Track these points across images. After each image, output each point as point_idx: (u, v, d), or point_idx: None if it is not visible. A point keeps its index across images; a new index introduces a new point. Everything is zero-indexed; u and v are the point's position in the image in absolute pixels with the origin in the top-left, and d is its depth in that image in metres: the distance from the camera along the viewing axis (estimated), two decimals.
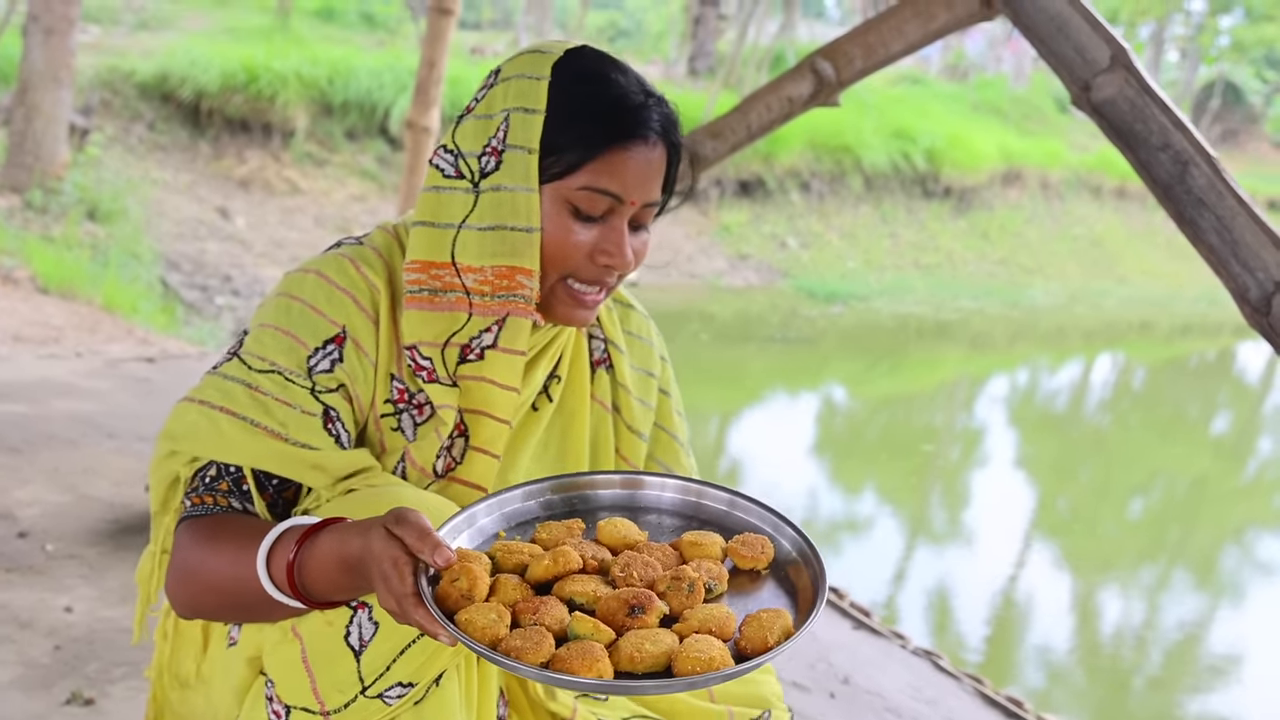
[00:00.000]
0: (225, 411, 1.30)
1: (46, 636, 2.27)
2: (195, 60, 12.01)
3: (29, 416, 3.49)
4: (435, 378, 1.36)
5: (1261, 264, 1.44)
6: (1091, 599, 6.22)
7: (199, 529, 1.28)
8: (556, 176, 1.32)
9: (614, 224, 1.35)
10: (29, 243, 7.46)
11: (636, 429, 1.56)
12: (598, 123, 1.32)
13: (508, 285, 1.33)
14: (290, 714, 1.22)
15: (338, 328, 1.34)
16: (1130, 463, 9.21)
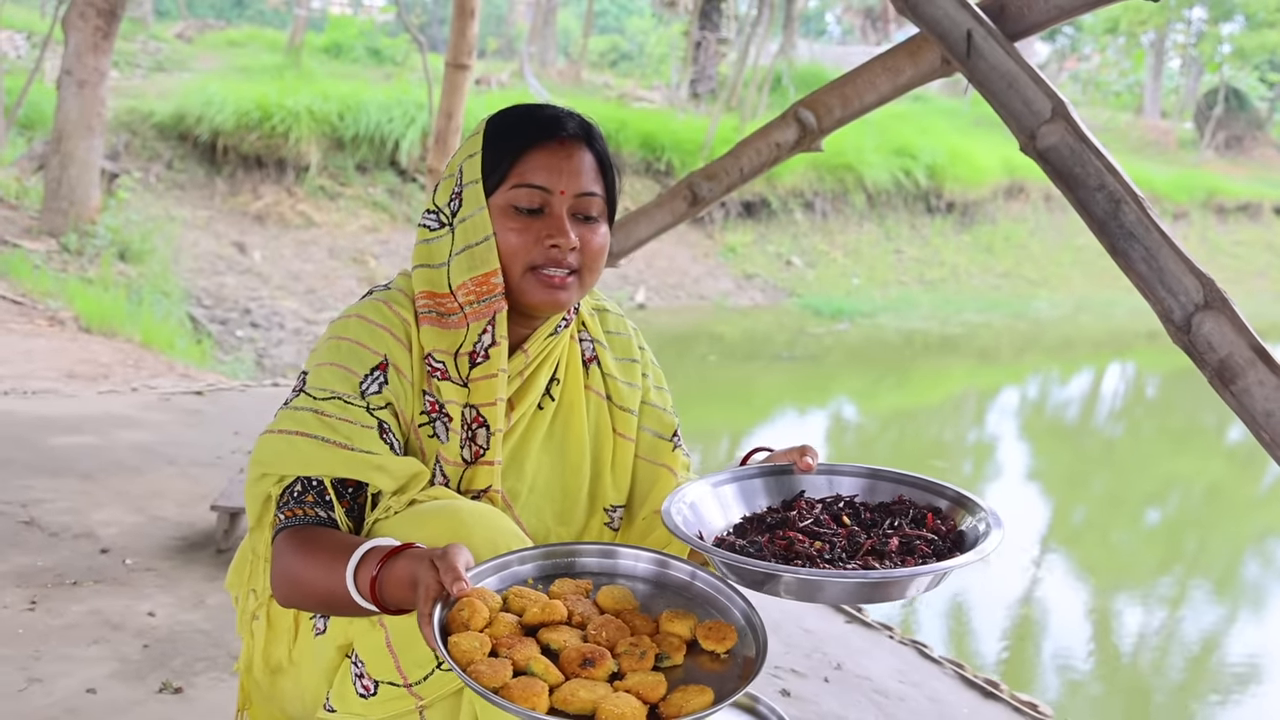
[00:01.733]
0: (300, 434, 1.57)
1: (135, 637, 2.57)
2: (210, 100, 12.27)
3: (98, 447, 3.82)
4: (447, 376, 1.65)
5: (1183, 288, 1.69)
6: (1108, 609, 6.25)
7: (294, 540, 1.54)
8: (495, 188, 1.64)
9: (553, 211, 1.64)
10: (70, 285, 7.76)
11: (626, 407, 1.84)
12: (516, 136, 1.64)
13: (486, 289, 1.63)
14: (379, 688, 1.50)
15: (380, 357, 1.63)
16: (1144, 472, 9.21)
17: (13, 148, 11.13)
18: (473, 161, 1.65)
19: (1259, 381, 1.65)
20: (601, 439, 1.82)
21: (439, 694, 1.48)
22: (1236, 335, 1.66)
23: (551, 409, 1.77)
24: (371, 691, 1.51)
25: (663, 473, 1.86)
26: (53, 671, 2.38)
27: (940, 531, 1.52)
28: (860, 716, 2.70)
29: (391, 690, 1.49)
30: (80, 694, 2.30)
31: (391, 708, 1.50)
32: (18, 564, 2.88)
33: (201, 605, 2.76)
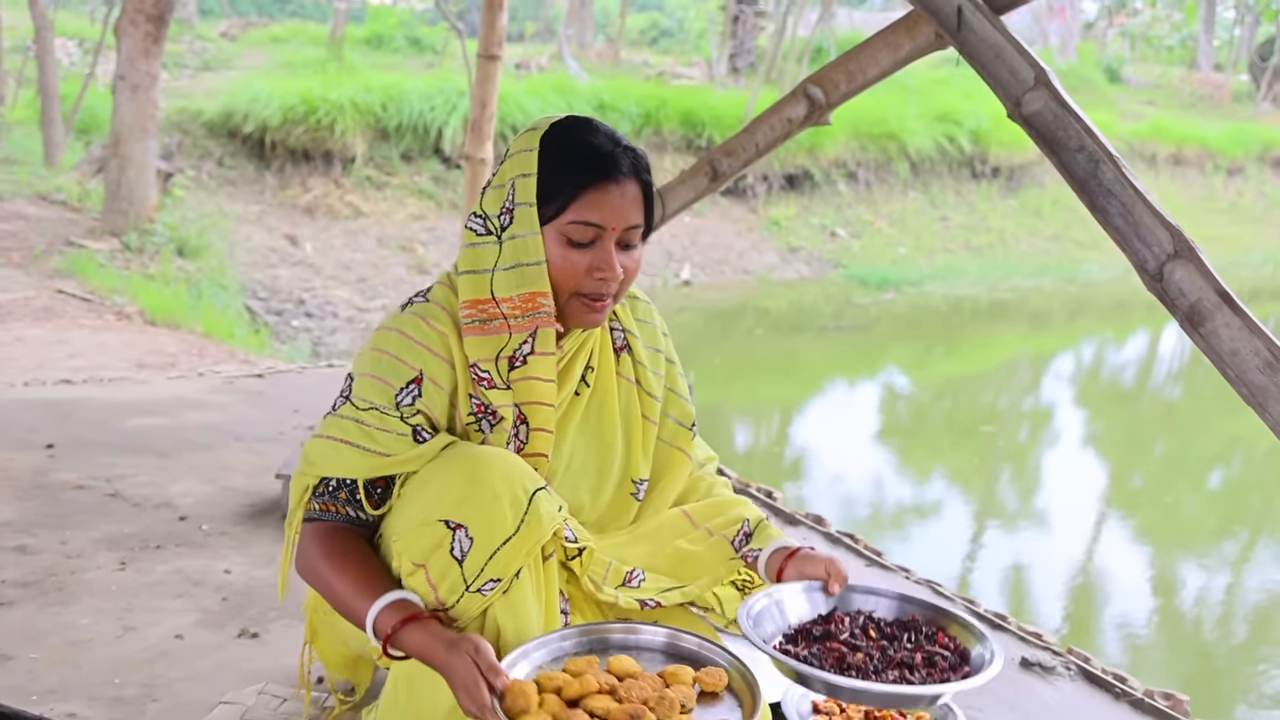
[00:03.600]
0: (345, 442, 1.79)
1: (215, 591, 2.80)
2: (256, 96, 12.51)
3: (170, 427, 4.08)
4: (493, 384, 1.82)
5: (1156, 240, 1.82)
6: (1171, 572, 6.25)
7: (326, 541, 1.78)
8: (551, 218, 1.77)
9: (603, 247, 1.79)
10: (133, 281, 8.06)
11: (653, 393, 2.03)
12: (576, 172, 1.77)
13: (532, 306, 1.78)
14: None
15: (415, 371, 1.80)
16: (1205, 433, 9.16)
17: (71, 153, 11.48)
18: (526, 183, 1.78)
19: (1225, 324, 1.77)
20: (631, 422, 2.00)
21: (470, 615, 1.72)
22: (1204, 282, 1.80)
23: (587, 394, 1.96)
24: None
25: (678, 455, 2.07)
26: (144, 621, 2.60)
27: (950, 648, 1.83)
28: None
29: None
30: (170, 639, 2.52)
31: None
32: (107, 531, 3.11)
33: (272, 563, 2.98)
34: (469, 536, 1.68)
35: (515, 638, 1.72)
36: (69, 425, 4.00)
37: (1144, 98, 24.63)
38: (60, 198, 10.08)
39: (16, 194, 10.01)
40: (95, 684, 2.30)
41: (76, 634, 2.51)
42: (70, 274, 8.05)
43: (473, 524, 1.68)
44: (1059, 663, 2.85)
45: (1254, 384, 1.67)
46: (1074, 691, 2.74)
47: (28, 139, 11.99)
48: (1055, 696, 2.71)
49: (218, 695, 2.27)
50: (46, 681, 2.29)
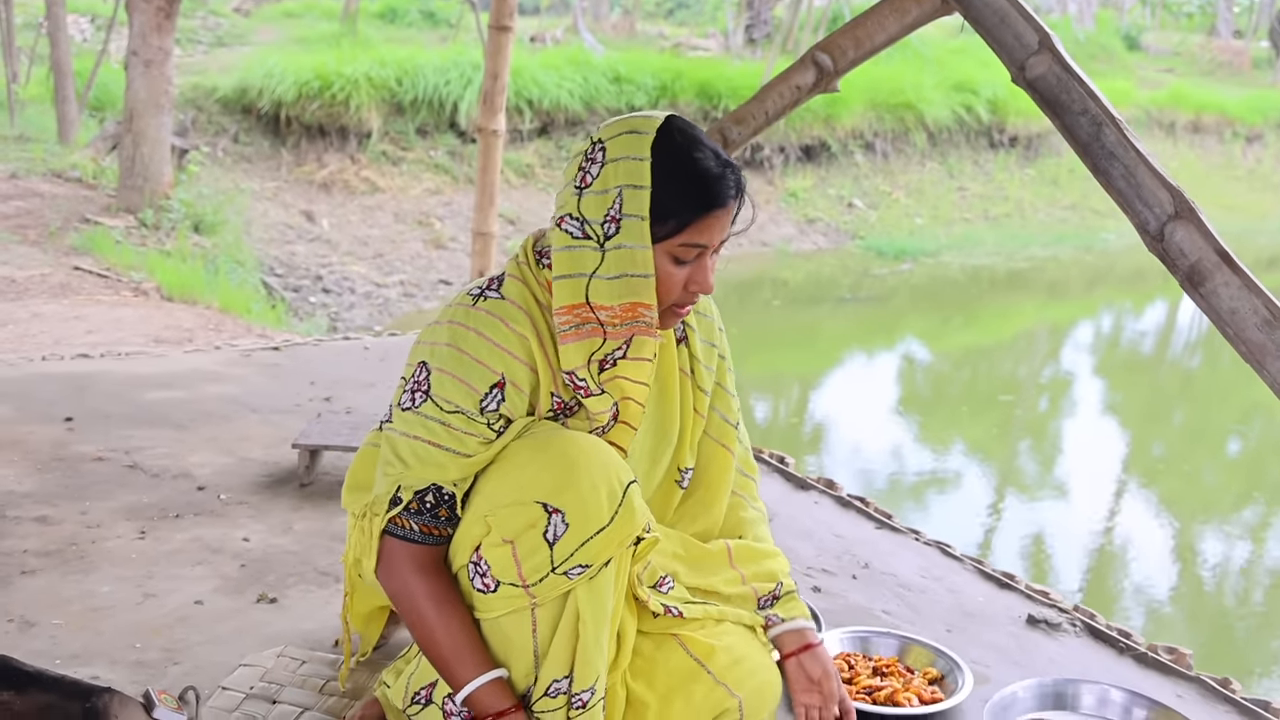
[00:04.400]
0: (435, 445, 1.79)
1: (233, 559, 2.84)
2: (270, 72, 12.51)
3: (188, 399, 4.12)
4: (590, 393, 1.84)
5: (1158, 201, 1.83)
6: (1192, 541, 6.25)
7: (430, 575, 1.81)
8: (663, 238, 1.77)
9: (703, 264, 1.82)
10: (150, 257, 8.10)
11: (704, 388, 2.05)
12: (690, 198, 1.77)
13: (633, 315, 1.79)
14: (499, 586, 1.76)
15: (498, 376, 1.80)
16: (1224, 402, 9.17)
17: (86, 130, 11.52)
18: (638, 195, 1.75)
19: (1224, 283, 1.79)
20: (685, 414, 2.04)
21: (550, 594, 1.76)
22: (1204, 242, 1.82)
23: (652, 383, 1.97)
24: (491, 589, 1.77)
25: (722, 451, 2.10)
26: (164, 588, 2.65)
27: None
28: (885, 607, 2.90)
29: (510, 590, 1.76)
30: (189, 605, 2.57)
31: (508, 604, 1.77)
32: (126, 501, 3.16)
33: (290, 531, 3.02)
34: (565, 522, 1.71)
35: (594, 622, 1.78)
36: (87, 398, 4.04)
37: (1163, 65, 24.43)
38: (75, 175, 10.13)
39: (31, 171, 10.06)
40: (117, 648, 2.35)
41: (98, 601, 2.55)
42: (86, 251, 8.11)
43: (570, 510, 1.72)
44: (1064, 620, 2.88)
45: (1252, 341, 1.69)
46: (1079, 647, 2.77)
47: (41, 116, 12.04)
48: (1061, 652, 2.74)
49: (238, 658, 2.32)
50: (69, 647, 2.34)
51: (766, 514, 2.21)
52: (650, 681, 1.97)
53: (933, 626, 2.80)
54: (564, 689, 1.79)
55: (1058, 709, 2.40)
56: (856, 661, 2.45)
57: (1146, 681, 2.60)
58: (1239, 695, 2.56)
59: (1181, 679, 2.64)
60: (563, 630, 1.78)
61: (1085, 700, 2.44)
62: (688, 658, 1.98)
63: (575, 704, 1.80)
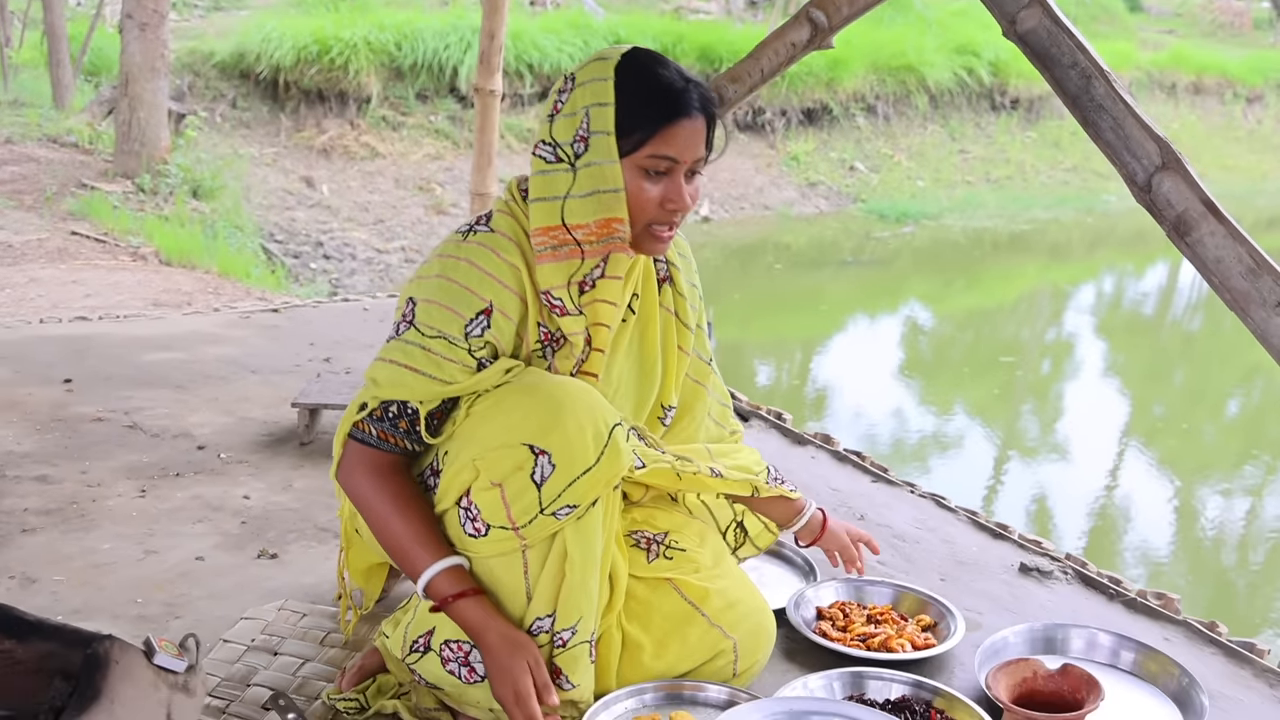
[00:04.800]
0: (410, 369, 1.83)
1: (233, 516, 2.87)
2: (268, 37, 12.39)
3: (187, 360, 4.14)
4: (566, 311, 1.87)
5: (1145, 153, 1.85)
6: (1193, 500, 6.29)
7: (382, 474, 1.86)
8: (630, 151, 1.82)
9: (675, 179, 1.85)
10: (148, 222, 8.09)
11: (689, 324, 2.12)
12: (654, 109, 1.82)
13: (608, 231, 1.83)
14: (490, 530, 1.80)
15: (485, 303, 1.84)
16: (1225, 363, 9.20)
17: (81, 94, 11.46)
18: (603, 112, 1.81)
19: (1210, 232, 1.81)
20: (669, 351, 2.09)
21: (539, 536, 1.80)
22: (1190, 192, 1.84)
23: (632, 321, 2.03)
24: (482, 533, 1.81)
25: (701, 390, 2.19)
26: (165, 545, 2.67)
27: None
28: (880, 557, 2.89)
29: (500, 533, 1.79)
30: (190, 561, 2.60)
31: (498, 546, 1.81)
32: (126, 460, 3.18)
33: (289, 489, 3.04)
34: (551, 464, 1.74)
35: (581, 562, 1.81)
36: (86, 360, 4.06)
37: (1164, 26, 24.26)
38: (71, 140, 10.10)
39: (26, 136, 10.03)
40: (119, 604, 2.37)
41: (99, 558, 2.58)
42: (83, 216, 8.10)
43: (556, 451, 1.74)
44: (1056, 567, 2.91)
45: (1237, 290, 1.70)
46: (1070, 594, 2.80)
47: (36, 81, 11.97)
48: (1052, 599, 2.77)
49: (239, 612, 2.34)
50: (71, 602, 2.37)
51: (742, 432, 2.32)
52: (645, 625, 2.02)
53: (927, 576, 2.83)
54: (546, 627, 1.83)
55: (1048, 653, 2.43)
56: (851, 610, 2.48)
57: (1135, 626, 2.63)
58: (1225, 638, 2.59)
59: (1169, 623, 2.67)
60: (550, 569, 1.81)
61: (1074, 644, 2.47)
62: (682, 601, 2.03)
63: (556, 642, 1.84)
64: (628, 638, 2.01)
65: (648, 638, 2.02)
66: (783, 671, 2.29)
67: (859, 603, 2.53)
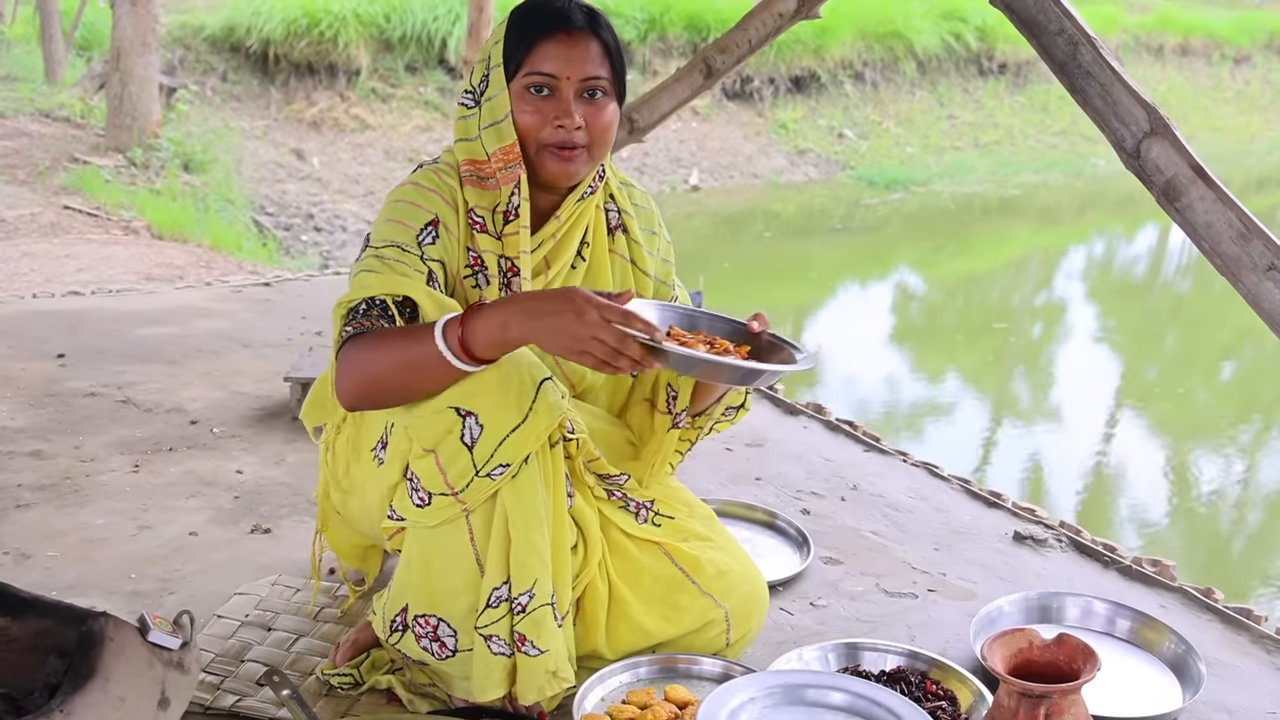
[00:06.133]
0: (365, 272, 1.85)
1: (226, 490, 2.88)
2: (258, 10, 12.28)
3: (180, 335, 4.14)
4: (485, 229, 1.94)
5: (1134, 119, 1.85)
6: (1186, 463, 6.30)
7: (365, 338, 1.78)
8: (512, 75, 1.88)
9: (560, 95, 1.88)
10: (139, 196, 8.06)
11: (647, 272, 2.13)
12: (530, 28, 1.88)
13: (510, 158, 1.89)
14: (432, 499, 1.79)
15: (432, 214, 1.91)
16: (1216, 324, 9.15)
17: (73, 69, 11.38)
18: (498, 47, 1.90)
19: (1199, 197, 1.81)
20: None
21: (478, 499, 1.78)
22: (1179, 157, 1.84)
23: (583, 268, 2.05)
24: (426, 502, 1.80)
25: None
26: (159, 520, 2.68)
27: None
28: (873, 527, 2.95)
29: (442, 500, 1.79)
30: (184, 536, 2.60)
31: (442, 514, 1.81)
32: (119, 435, 3.18)
33: (282, 463, 3.05)
34: (479, 424, 1.73)
35: (523, 521, 1.79)
36: (79, 335, 4.06)
37: None
38: (63, 114, 10.03)
39: (19, 111, 9.96)
40: (112, 579, 2.38)
41: (92, 533, 2.59)
42: (76, 190, 8.06)
43: (482, 412, 1.73)
44: (1050, 535, 2.93)
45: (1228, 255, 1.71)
46: (1065, 562, 2.82)
47: (28, 56, 11.88)
48: (1047, 567, 2.79)
49: (233, 587, 2.35)
50: (65, 577, 2.38)
51: None
52: (634, 583, 2.02)
53: (920, 545, 2.85)
54: (505, 595, 1.81)
55: (1043, 622, 2.45)
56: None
57: (1131, 593, 2.65)
58: (1221, 604, 2.61)
59: (1165, 589, 2.68)
60: (495, 535, 1.80)
61: (1070, 612, 2.49)
62: (672, 566, 2.04)
63: (516, 609, 1.81)
64: (615, 593, 2.01)
65: (635, 595, 2.02)
66: (776, 643, 2.31)
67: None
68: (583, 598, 1.99)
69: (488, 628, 1.82)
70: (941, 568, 2.75)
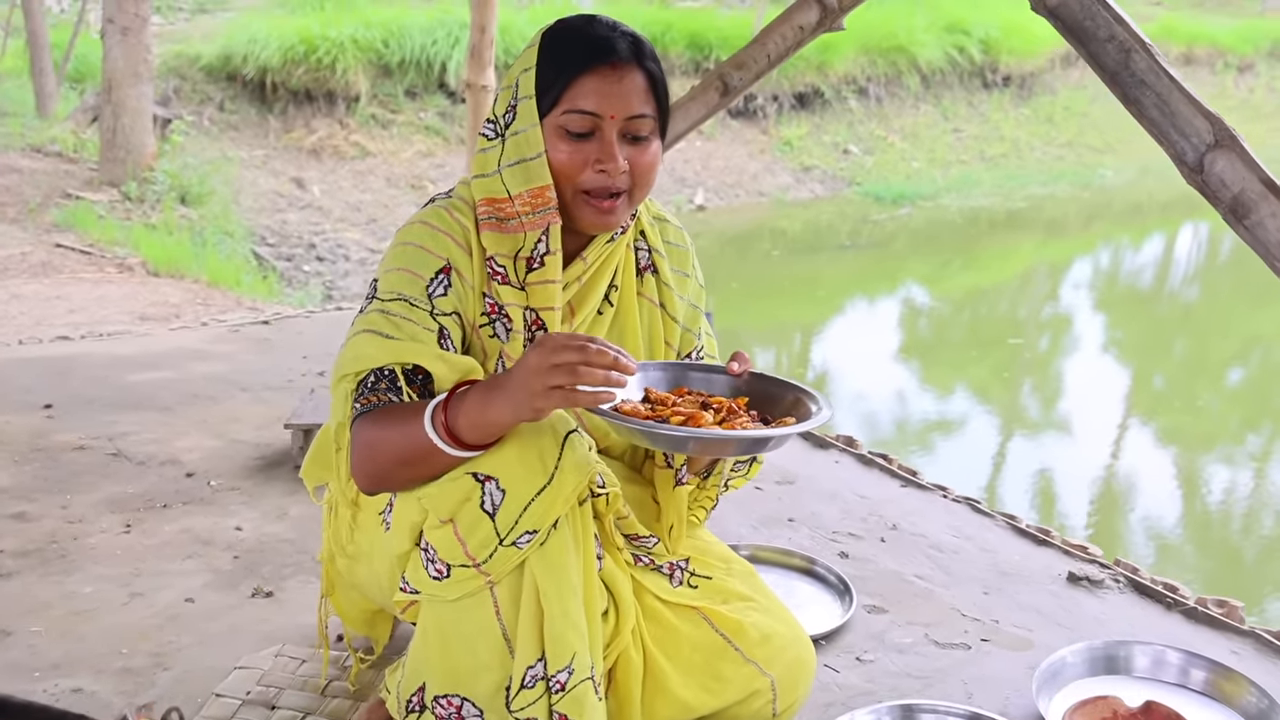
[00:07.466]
0: (369, 332, 1.66)
1: (225, 550, 2.68)
2: (254, 38, 12.23)
3: (174, 380, 3.94)
4: (507, 280, 1.73)
5: (1195, 130, 1.70)
6: (1197, 473, 6.27)
7: (371, 418, 1.62)
8: (548, 110, 1.67)
9: (602, 137, 1.67)
10: (135, 232, 7.90)
11: (676, 318, 1.92)
12: (569, 57, 1.67)
13: (540, 202, 1.68)
14: (451, 570, 1.60)
15: (443, 260, 1.70)
16: (1224, 333, 9.19)
17: (65, 102, 11.26)
18: (528, 76, 1.69)
19: (1271, 214, 1.68)
20: (654, 344, 1.91)
21: (504, 569, 1.60)
22: (1248, 171, 1.70)
23: (610, 314, 1.85)
24: (445, 575, 1.62)
25: None
26: (152, 586, 2.48)
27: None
28: (917, 570, 2.77)
29: (463, 571, 1.60)
30: (179, 604, 2.41)
31: (464, 586, 1.62)
32: (110, 492, 2.99)
33: (285, 517, 2.86)
34: (500, 489, 1.55)
35: (556, 592, 1.61)
36: (67, 383, 3.86)
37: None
38: (55, 149, 9.90)
39: (9, 147, 9.83)
40: (101, 655, 2.19)
41: (80, 603, 2.39)
42: (68, 227, 7.90)
43: (503, 475, 1.55)
44: (1107, 575, 2.76)
45: None
46: (1124, 604, 2.65)
47: (19, 90, 11.75)
48: (1106, 611, 2.62)
49: (232, 660, 2.17)
50: (49, 656, 2.19)
51: None
52: (672, 653, 1.85)
53: (968, 589, 2.67)
54: (540, 674, 1.63)
55: (1109, 673, 2.28)
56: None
57: (1198, 638, 2.49)
58: None
59: (1235, 633, 2.52)
60: (525, 608, 1.62)
61: (1139, 662, 2.32)
62: (713, 632, 1.87)
63: (554, 687, 1.63)
64: (651, 664, 1.83)
65: (673, 665, 1.84)
66: (824, 705, 2.13)
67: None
68: (615, 669, 1.82)
69: (524, 710, 1.63)
70: (993, 614, 2.57)
